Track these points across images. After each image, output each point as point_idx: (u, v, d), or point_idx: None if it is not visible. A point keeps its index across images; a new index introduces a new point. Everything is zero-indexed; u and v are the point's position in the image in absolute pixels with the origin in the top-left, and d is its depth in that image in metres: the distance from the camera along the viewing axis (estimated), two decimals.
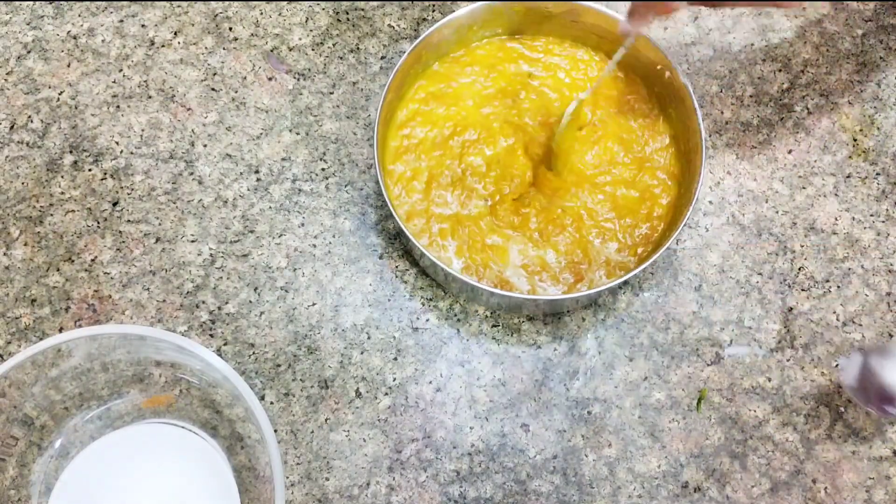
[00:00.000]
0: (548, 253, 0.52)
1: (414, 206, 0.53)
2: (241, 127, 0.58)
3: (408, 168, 0.54)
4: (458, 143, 0.55)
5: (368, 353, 0.53)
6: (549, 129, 0.55)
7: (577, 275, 0.52)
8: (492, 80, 0.56)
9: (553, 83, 0.56)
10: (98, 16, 0.60)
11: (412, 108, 0.55)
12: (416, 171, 0.54)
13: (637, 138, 0.55)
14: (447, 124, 0.55)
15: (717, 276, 0.55)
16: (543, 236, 0.53)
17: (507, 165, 0.54)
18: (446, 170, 0.54)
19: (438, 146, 0.55)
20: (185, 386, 0.51)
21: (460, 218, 0.53)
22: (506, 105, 0.55)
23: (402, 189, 0.54)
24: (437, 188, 0.54)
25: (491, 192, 0.54)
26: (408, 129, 0.55)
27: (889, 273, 0.56)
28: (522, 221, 0.53)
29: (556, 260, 0.52)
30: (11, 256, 0.55)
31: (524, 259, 0.52)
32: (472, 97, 0.56)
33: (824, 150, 0.58)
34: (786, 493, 0.51)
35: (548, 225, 0.53)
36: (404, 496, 0.51)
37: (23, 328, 0.53)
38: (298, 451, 0.51)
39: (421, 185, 0.54)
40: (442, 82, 0.56)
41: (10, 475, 0.49)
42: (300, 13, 0.61)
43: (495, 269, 0.52)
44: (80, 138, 0.57)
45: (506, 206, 0.53)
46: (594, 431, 0.52)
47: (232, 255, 0.55)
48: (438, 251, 0.52)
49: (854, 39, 0.61)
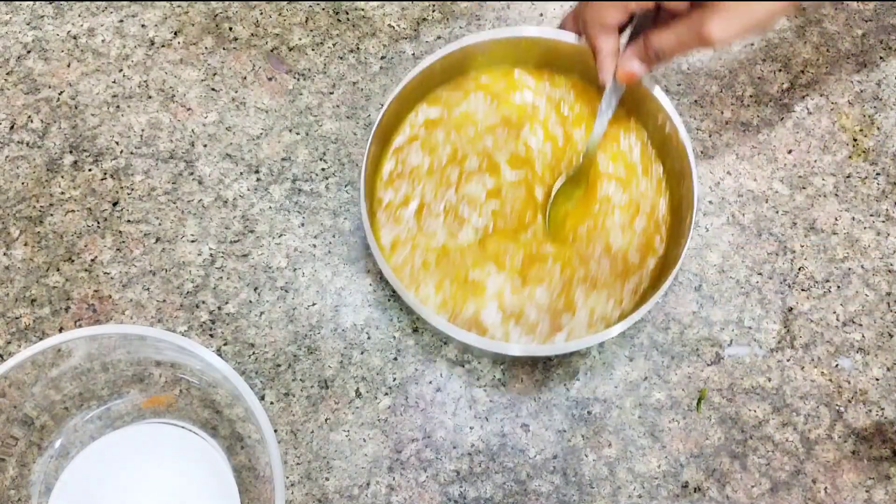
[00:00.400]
0: (529, 298, 0.51)
1: (399, 235, 0.52)
2: (241, 127, 0.58)
3: (398, 194, 0.52)
4: (457, 172, 0.53)
5: (368, 353, 0.53)
6: (553, 172, 0.53)
7: (555, 325, 0.50)
8: (496, 109, 0.54)
9: (557, 118, 0.54)
10: (98, 16, 0.60)
11: (410, 133, 0.54)
12: (407, 198, 0.52)
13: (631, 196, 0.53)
14: (446, 151, 0.53)
15: (717, 276, 0.55)
16: (526, 280, 0.51)
17: (506, 200, 0.52)
18: (440, 198, 0.52)
19: (434, 173, 0.53)
20: (185, 386, 0.51)
21: (447, 249, 0.51)
22: (511, 136, 0.54)
23: (391, 217, 0.52)
24: (428, 216, 0.52)
25: (483, 225, 0.52)
26: (403, 153, 0.53)
27: (889, 273, 0.56)
28: (510, 260, 0.51)
29: (537, 307, 0.50)
30: (11, 256, 0.55)
31: (503, 301, 0.50)
32: (475, 125, 0.54)
33: (824, 150, 0.58)
34: (786, 493, 0.51)
35: (533, 267, 0.51)
36: (404, 496, 0.51)
37: (23, 328, 0.53)
38: (298, 451, 0.51)
39: (411, 213, 0.52)
40: (444, 107, 0.54)
41: (10, 475, 0.49)
42: (300, 13, 0.61)
43: (471, 308, 0.50)
44: (80, 138, 0.57)
45: (496, 240, 0.52)
46: (594, 431, 0.52)
47: (232, 255, 0.55)
48: (419, 283, 0.51)
49: (854, 39, 0.61)
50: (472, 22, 0.61)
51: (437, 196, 0.52)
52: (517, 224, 0.52)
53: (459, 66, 0.54)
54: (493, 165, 0.53)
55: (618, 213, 0.52)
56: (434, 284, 0.51)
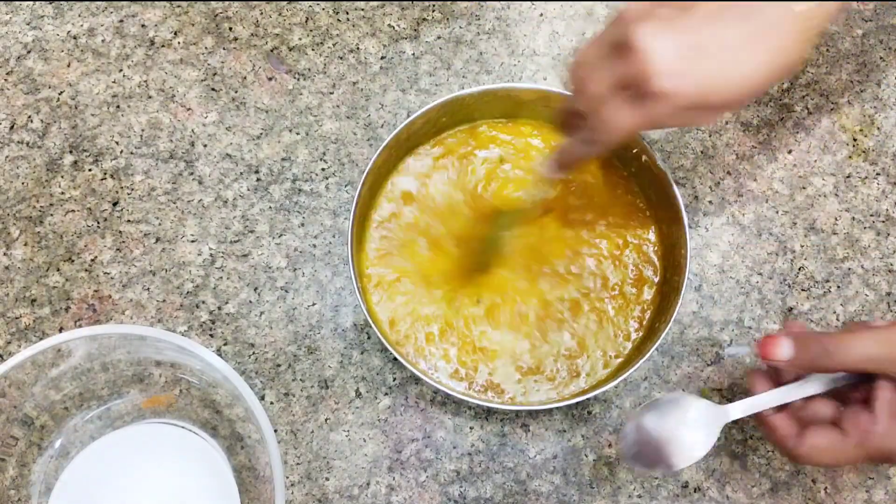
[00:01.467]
0: (543, 352, 0.51)
1: (397, 310, 0.51)
2: (241, 127, 0.58)
3: (390, 271, 0.52)
4: (443, 239, 0.52)
5: (368, 353, 0.53)
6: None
7: (573, 371, 0.50)
8: (467, 169, 0.54)
9: (525, 163, 0.54)
10: (98, 16, 0.60)
11: (388, 208, 0.53)
12: (402, 273, 0.52)
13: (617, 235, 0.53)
14: (431, 222, 0.53)
15: (717, 276, 0.55)
16: (541, 332, 0.51)
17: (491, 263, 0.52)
18: (433, 270, 0.52)
19: (425, 244, 0.52)
20: (185, 386, 0.51)
21: (448, 319, 0.51)
22: (484, 193, 0.53)
23: (384, 293, 0.51)
24: (428, 287, 0.51)
25: (480, 294, 0.51)
26: (385, 230, 0.53)
27: (889, 273, 0.56)
28: (519, 321, 0.51)
29: (553, 357, 0.50)
30: (11, 256, 0.55)
31: (517, 361, 0.50)
32: (451, 189, 0.53)
33: (824, 150, 0.58)
34: (786, 492, 0.51)
35: (545, 320, 0.51)
36: (404, 496, 0.51)
37: (23, 328, 0.53)
38: (298, 451, 0.51)
39: (405, 287, 0.51)
40: (415, 178, 0.54)
41: (10, 475, 0.49)
42: (300, 13, 0.61)
43: (485, 371, 0.50)
44: (80, 138, 0.57)
45: (497, 307, 0.51)
46: (594, 431, 0.52)
47: (232, 255, 0.55)
48: (424, 356, 0.50)
49: (854, 39, 0.61)
50: (472, 22, 0.61)
51: (430, 267, 0.52)
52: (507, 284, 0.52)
53: (426, 131, 0.53)
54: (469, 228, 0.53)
55: (605, 245, 0.53)
56: (441, 355, 0.50)
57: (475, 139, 0.55)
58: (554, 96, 0.51)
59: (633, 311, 0.51)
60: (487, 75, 0.59)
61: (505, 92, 0.52)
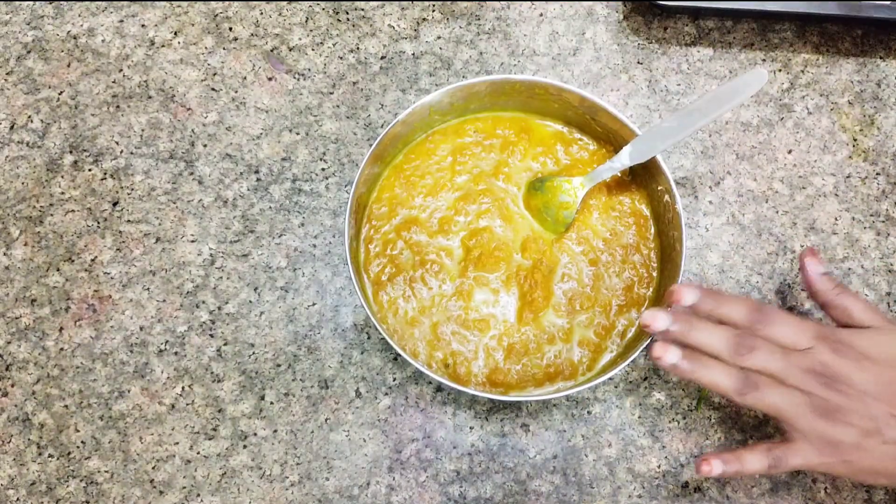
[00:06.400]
0: (543, 346, 0.50)
1: (398, 308, 0.51)
2: (241, 127, 0.58)
3: (390, 269, 0.52)
4: (443, 227, 0.53)
5: (368, 353, 0.53)
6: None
7: (572, 365, 0.51)
8: (461, 162, 0.54)
9: (525, 152, 0.54)
10: (98, 16, 0.60)
11: (384, 198, 0.53)
12: (399, 267, 0.52)
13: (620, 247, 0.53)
14: (433, 214, 0.53)
15: (717, 276, 0.55)
16: (542, 327, 0.51)
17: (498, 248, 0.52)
18: (430, 260, 0.52)
19: (426, 234, 0.52)
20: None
21: (449, 315, 0.51)
22: (486, 184, 0.53)
23: (385, 292, 0.51)
24: (427, 274, 0.51)
25: (481, 289, 0.52)
26: (385, 230, 0.52)
27: (889, 273, 0.56)
28: (522, 315, 0.51)
29: (554, 353, 0.50)
30: (11, 256, 0.55)
31: (518, 354, 0.50)
32: (445, 180, 0.53)
33: (824, 150, 0.58)
34: (786, 492, 0.51)
35: (547, 314, 0.51)
36: (404, 496, 0.51)
37: (23, 328, 0.53)
38: (298, 451, 0.51)
39: (405, 286, 0.51)
40: (410, 173, 0.54)
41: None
42: (300, 13, 0.61)
43: (486, 365, 0.50)
44: (80, 138, 0.57)
45: (499, 301, 0.51)
46: (594, 431, 0.52)
47: (232, 255, 0.55)
48: (425, 353, 0.50)
49: (854, 39, 0.61)
50: (472, 22, 0.61)
51: (422, 259, 0.52)
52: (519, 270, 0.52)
53: (419, 125, 0.53)
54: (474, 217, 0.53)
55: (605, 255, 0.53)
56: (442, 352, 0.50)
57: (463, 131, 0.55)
58: (539, 85, 0.52)
59: (633, 310, 0.52)
60: (487, 76, 0.59)
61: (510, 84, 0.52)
